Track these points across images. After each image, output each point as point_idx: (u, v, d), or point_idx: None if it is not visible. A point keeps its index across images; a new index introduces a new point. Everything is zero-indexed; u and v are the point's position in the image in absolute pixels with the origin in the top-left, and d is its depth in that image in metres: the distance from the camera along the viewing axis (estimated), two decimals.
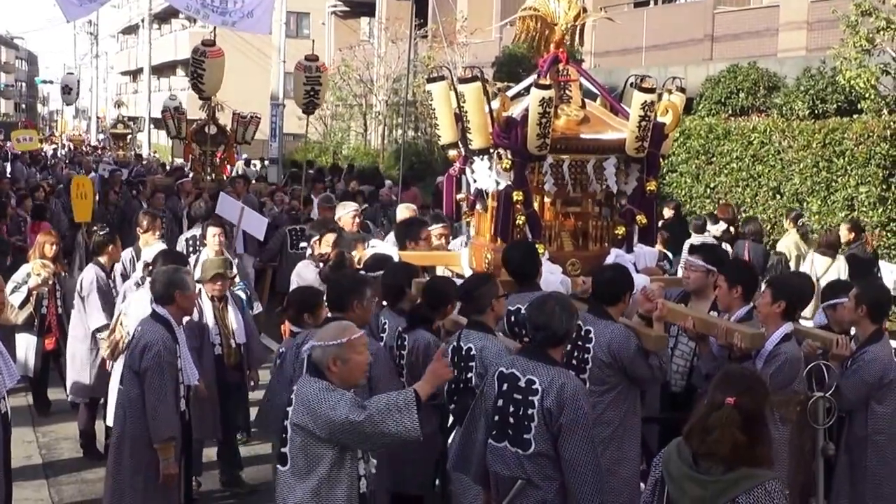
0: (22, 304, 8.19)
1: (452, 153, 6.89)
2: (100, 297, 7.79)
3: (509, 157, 6.16)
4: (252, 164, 29.47)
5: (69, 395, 8.22)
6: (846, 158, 13.36)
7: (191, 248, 9.76)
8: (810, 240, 11.51)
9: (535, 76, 6.37)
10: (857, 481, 5.73)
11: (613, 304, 5.44)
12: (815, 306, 7.80)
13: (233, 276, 7.58)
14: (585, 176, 6.37)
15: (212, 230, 8.59)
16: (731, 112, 16.64)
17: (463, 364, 5.29)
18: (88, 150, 41.73)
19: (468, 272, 6.57)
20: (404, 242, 7.59)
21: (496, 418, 4.64)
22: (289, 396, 5.39)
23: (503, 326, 5.78)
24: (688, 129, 15.95)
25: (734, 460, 3.40)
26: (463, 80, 6.19)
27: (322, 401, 4.11)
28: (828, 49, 15.21)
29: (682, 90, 6.61)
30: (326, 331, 4.33)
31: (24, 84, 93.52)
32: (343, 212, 9.38)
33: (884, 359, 5.70)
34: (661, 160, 6.77)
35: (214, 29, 17.76)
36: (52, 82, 65.56)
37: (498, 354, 5.10)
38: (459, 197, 7.01)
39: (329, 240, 7.98)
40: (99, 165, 24.70)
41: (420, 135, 27.52)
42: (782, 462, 5.05)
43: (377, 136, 30.79)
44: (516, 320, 5.72)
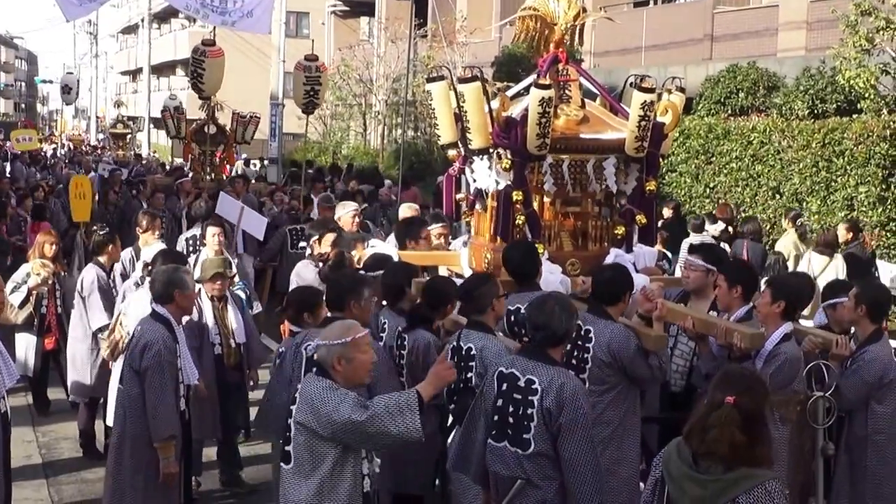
0: (22, 304, 8.20)
1: (452, 153, 6.88)
2: (101, 296, 7.79)
3: (509, 156, 6.16)
4: (251, 164, 29.46)
5: (70, 394, 8.23)
6: (846, 158, 13.36)
7: (191, 248, 9.76)
8: (809, 239, 11.51)
9: (534, 76, 6.37)
10: (857, 481, 5.73)
11: (613, 303, 5.44)
12: (814, 306, 7.80)
13: (232, 275, 7.58)
14: (585, 176, 6.36)
15: (211, 230, 8.59)
16: (730, 112, 16.64)
17: (463, 364, 5.28)
18: (88, 149, 41.70)
19: (468, 272, 6.57)
20: (404, 241, 7.60)
21: (496, 418, 4.63)
22: (288, 396, 5.44)
23: (503, 326, 5.78)
24: (687, 129, 15.95)
25: (734, 460, 3.40)
26: (462, 80, 6.18)
27: (325, 400, 4.11)
28: (827, 49, 15.21)
29: (682, 90, 6.61)
30: (331, 330, 4.33)
31: (23, 84, 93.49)
32: (342, 211, 9.38)
33: (884, 358, 5.70)
34: (661, 160, 6.77)
35: (214, 29, 17.75)
36: (51, 82, 65.57)
37: (498, 354, 5.09)
38: (459, 197, 7.01)
39: (329, 239, 7.98)
40: (98, 165, 24.68)
41: (420, 134, 27.52)
42: (782, 462, 5.05)
43: (377, 135, 30.78)
44: (516, 320, 5.72)
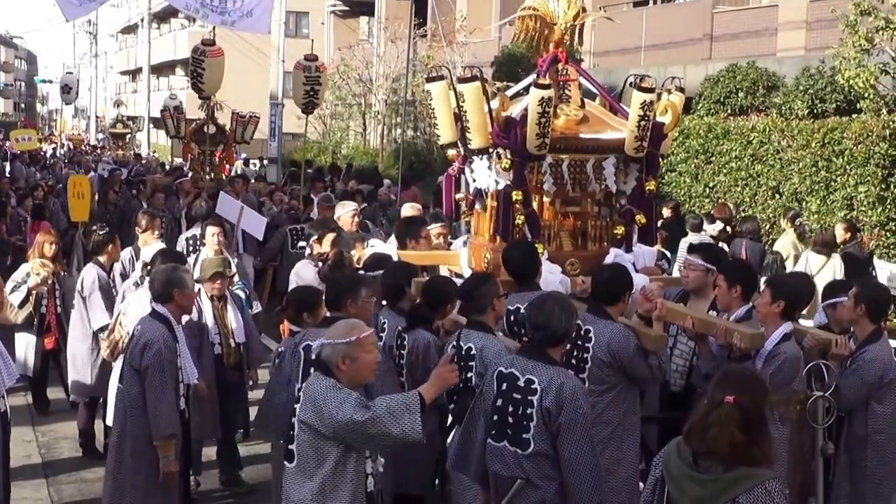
0: (21, 304, 8.20)
1: (451, 153, 6.88)
2: (102, 296, 7.79)
3: (508, 156, 6.16)
4: (251, 164, 29.46)
5: (70, 394, 8.22)
6: (845, 158, 13.36)
7: (191, 248, 9.76)
8: (807, 239, 11.50)
9: (534, 76, 6.37)
10: (857, 481, 5.73)
11: (613, 303, 5.44)
12: (812, 307, 7.79)
13: (231, 274, 7.58)
14: (585, 175, 6.36)
15: (211, 229, 8.58)
16: (730, 111, 16.63)
17: (463, 364, 5.27)
18: (88, 149, 41.69)
19: (467, 272, 6.57)
20: (405, 241, 7.60)
21: (495, 418, 4.63)
22: (287, 395, 5.45)
23: (503, 326, 5.78)
24: (687, 129, 15.94)
25: (734, 459, 3.40)
26: (462, 80, 6.18)
27: (328, 399, 4.12)
28: (827, 48, 15.20)
29: (682, 90, 6.61)
30: (336, 329, 4.33)
31: (23, 83, 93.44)
32: (342, 211, 9.38)
33: (883, 358, 5.70)
34: (661, 160, 6.77)
35: (214, 28, 17.75)
36: (51, 82, 65.59)
37: (498, 354, 5.09)
38: (458, 196, 7.01)
39: (330, 239, 7.98)
40: (98, 165, 24.69)
41: (419, 134, 27.51)
42: (782, 461, 5.05)
43: (376, 135, 30.77)
44: (515, 320, 5.72)
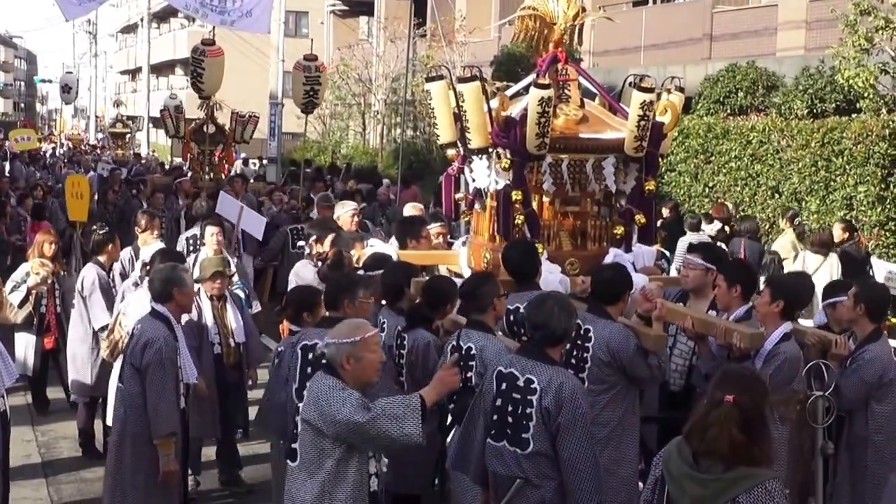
0: (21, 303, 8.20)
1: (451, 152, 6.88)
2: (102, 295, 7.79)
3: (508, 156, 6.16)
4: (251, 164, 29.45)
5: (70, 394, 8.22)
6: (845, 158, 13.35)
7: (191, 248, 9.76)
8: (807, 239, 11.51)
9: (533, 75, 6.37)
10: (857, 481, 5.73)
11: (612, 303, 5.44)
12: (812, 306, 7.79)
13: (231, 274, 7.58)
14: (584, 175, 6.36)
15: (210, 229, 8.58)
16: (729, 111, 16.63)
17: (463, 363, 5.26)
18: (87, 149, 41.69)
19: (467, 272, 6.56)
20: (405, 240, 7.59)
21: (495, 417, 4.63)
22: (286, 395, 5.46)
23: (502, 326, 5.78)
24: (686, 129, 15.93)
25: (733, 459, 3.39)
26: (462, 80, 6.18)
27: (330, 399, 4.13)
28: (826, 48, 15.21)
29: (681, 89, 6.61)
30: (340, 328, 4.34)
31: (22, 83, 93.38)
32: (342, 211, 9.38)
33: (883, 358, 5.70)
34: (660, 159, 6.77)
35: (213, 28, 17.74)
36: (50, 81, 65.57)
37: (498, 354, 5.09)
38: (458, 196, 7.01)
39: (330, 239, 7.97)
40: (98, 164, 24.71)
41: (419, 134, 27.50)
42: (781, 461, 5.05)
43: (376, 135, 30.77)
44: (515, 319, 5.72)
